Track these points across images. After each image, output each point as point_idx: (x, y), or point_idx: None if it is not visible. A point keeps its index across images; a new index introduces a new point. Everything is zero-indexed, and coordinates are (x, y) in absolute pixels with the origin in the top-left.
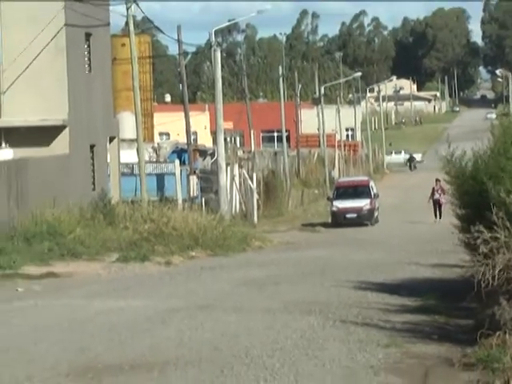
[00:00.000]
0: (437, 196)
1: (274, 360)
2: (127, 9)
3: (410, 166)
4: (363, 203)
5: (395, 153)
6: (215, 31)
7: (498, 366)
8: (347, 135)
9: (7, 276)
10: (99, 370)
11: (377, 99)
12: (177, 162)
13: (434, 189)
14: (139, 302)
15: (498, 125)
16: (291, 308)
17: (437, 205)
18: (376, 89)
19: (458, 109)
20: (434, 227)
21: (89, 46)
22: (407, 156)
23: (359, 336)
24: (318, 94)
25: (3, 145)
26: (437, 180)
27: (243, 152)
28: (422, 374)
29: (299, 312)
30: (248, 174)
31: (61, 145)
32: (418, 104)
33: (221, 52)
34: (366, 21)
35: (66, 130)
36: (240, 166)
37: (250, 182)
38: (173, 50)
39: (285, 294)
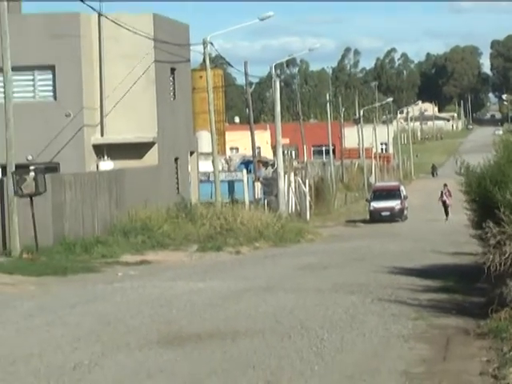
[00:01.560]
0: (444, 198)
1: (323, 330)
2: (204, 48)
3: (433, 173)
4: (395, 203)
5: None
6: (275, 65)
7: (506, 335)
8: (381, 148)
9: (109, 263)
10: (183, 338)
11: (405, 119)
12: (244, 170)
13: (442, 192)
14: (215, 284)
15: (503, 140)
16: (337, 288)
17: (445, 205)
18: (405, 111)
19: (471, 127)
20: (451, 223)
21: (173, 78)
22: None
23: (392, 311)
24: (358, 115)
25: (105, 158)
26: (444, 185)
27: (297, 163)
28: (444, 341)
29: (344, 292)
30: (302, 180)
31: (151, 158)
32: (439, 123)
33: (279, 82)
34: (396, 56)
35: (155, 146)
36: (295, 174)
37: (303, 186)
38: (240, 80)
39: (332, 277)
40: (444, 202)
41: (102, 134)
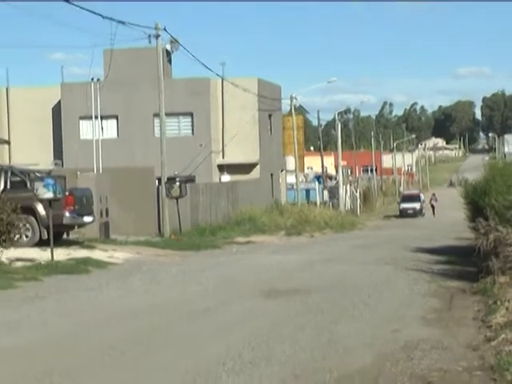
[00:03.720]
0: (432, 202)
1: (369, 289)
2: (291, 101)
3: (450, 184)
4: (416, 205)
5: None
6: (337, 113)
7: (490, 293)
8: (408, 168)
9: (228, 243)
10: (276, 292)
11: (424, 149)
12: (316, 182)
13: (431, 198)
14: (296, 257)
15: (489, 164)
16: (378, 261)
17: (432, 207)
18: (423, 144)
19: (467, 154)
20: (454, 218)
21: (270, 121)
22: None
23: (414, 277)
24: (392, 146)
25: (225, 173)
26: (433, 194)
27: (351, 177)
28: (449, 297)
29: (382, 263)
30: (354, 189)
31: (255, 173)
32: (446, 152)
33: (340, 124)
34: (418, 107)
35: (258, 166)
36: (350, 185)
37: (355, 193)
38: (314, 122)
39: (374, 253)
40: (432, 205)
41: (223, 157)
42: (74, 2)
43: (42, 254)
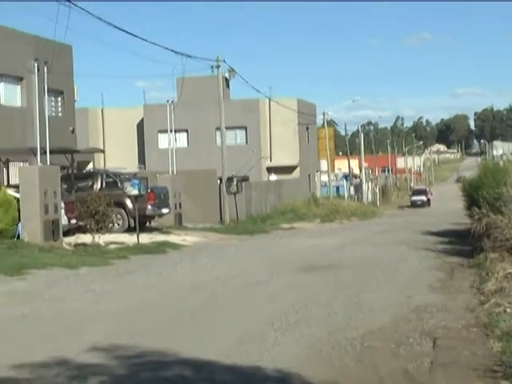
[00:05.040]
0: (428, 196)
1: (388, 265)
2: (323, 116)
3: (457, 181)
4: (424, 197)
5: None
6: (361, 125)
7: (483, 266)
8: (417, 168)
9: (275, 228)
10: (314, 267)
11: (429, 153)
12: (345, 180)
13: (427, 194)
14: (329, 240)
15: (481, 164)
16: (394, 242)
17: (428, 200)
18: (429, 149)
19: (464, 157)
20: (454, 207)
21: (307, 132)
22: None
23: (423, 254)
24: (404, 151)
25: (272, 174)
26: (429, 190)
27: (372, 176)
28: (450, 270)
29: (398, 244)
30: (374, 185)
31: (296, 174)
32: (447, 155)
33: (363, 134)
34: (424, 120)
35: (298, 168)
36: (371, 182)
37: (375, 188)
38: (342, 133)
39: (392, 237)
40: (428, 199)
41: (270, 161)
42: (152, 40)
43: (130, 239)
